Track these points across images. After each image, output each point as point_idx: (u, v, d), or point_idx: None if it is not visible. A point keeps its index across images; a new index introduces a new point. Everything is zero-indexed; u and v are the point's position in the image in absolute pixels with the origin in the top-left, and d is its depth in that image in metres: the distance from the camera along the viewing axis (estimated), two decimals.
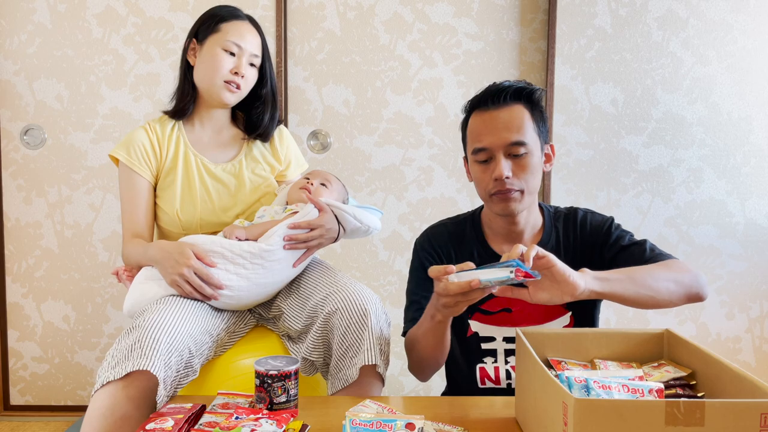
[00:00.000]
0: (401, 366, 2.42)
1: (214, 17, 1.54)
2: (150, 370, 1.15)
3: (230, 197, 1.56)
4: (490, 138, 1.25)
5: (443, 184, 2.41)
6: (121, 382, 1.16)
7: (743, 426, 0.77)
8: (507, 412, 1.12)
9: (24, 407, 2.48)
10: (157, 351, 1.18)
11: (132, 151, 1.54)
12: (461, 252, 1.37)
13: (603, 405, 0.79)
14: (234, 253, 1.39)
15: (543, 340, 1.11)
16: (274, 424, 0.95)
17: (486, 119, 1.26)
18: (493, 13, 2.36)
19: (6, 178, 2.42)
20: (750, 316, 2.42)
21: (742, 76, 2.33)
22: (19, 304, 2.45)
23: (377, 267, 2.44)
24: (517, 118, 1.25)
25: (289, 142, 1.70)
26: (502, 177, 1.23)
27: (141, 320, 1.25)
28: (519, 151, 1.24)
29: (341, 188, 1.62)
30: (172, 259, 1.37)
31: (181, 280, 1.35)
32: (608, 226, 1.33)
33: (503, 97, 1.26)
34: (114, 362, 1.19)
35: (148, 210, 1.56)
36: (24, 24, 2.36)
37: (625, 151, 2.37)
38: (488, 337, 1.34)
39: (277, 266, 1.43)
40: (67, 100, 2.38)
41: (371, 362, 1.30)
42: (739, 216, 2.38)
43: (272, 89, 1.62)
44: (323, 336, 1.38)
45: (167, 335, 1.22)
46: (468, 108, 1.32)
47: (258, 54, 1.56)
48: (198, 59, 1.54)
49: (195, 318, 1.33)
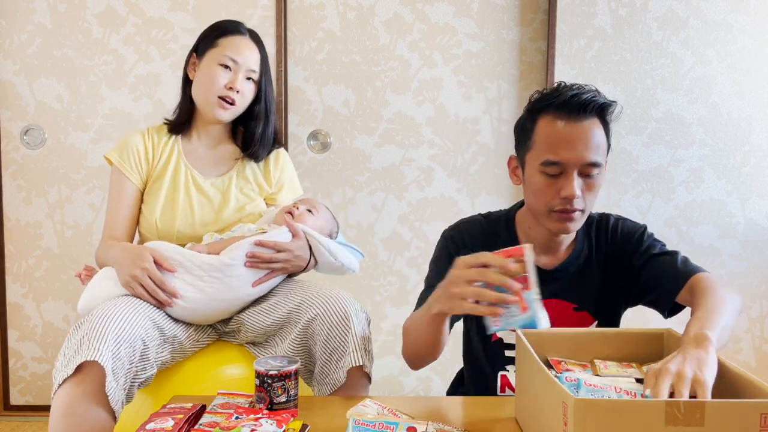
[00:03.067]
0: (401, 366, 2.42)
1: (215, 31, 1.53)
2: (97, 360, 1.14)
3: (213, 213, 1.54)
4: (568, 153, 1.14)
5: (443, 184, 2.41)
6: (75, 379, 1.16)
7: (743, 426, 0.77)
8: (507, 412, 1.12)
9: (24, 407, 2.48)
10: (104, 341, 1.17)
11: (125, 155, 1.53)
12: (491, 251, 1.34)
13: (603, 405, 0.79)
14: (193, 264, 1.37)
15: (543, 340, 1.11)
16: (274, 424, 0.95)
17: (567, 131, 1.15)
18: (493, 13, 2.36)
19: (6, 178, 2.42)
20: (750, 316, 2.42)
21: (742, 76, 2.33)
22: (19, 304, 2.45)
23: (377, 267, 2.44)
24: (597, 136, 1.15)
25: (286, 165, 1.66)
26: (574, 197, 1.14)
27: (89, 315, 1.25)
28: (593, 172, 1.16)
29: (329, 219, 1.59)
30: (129, 260, 1.36)
31: (133, 281, 1.34)
32: (640, 233, 1.29)
33: (587, 111, 1.15)
34: (66, 360, 1.19)
35: (131, 214, 1.55)
36: (24, 24, 2.36)
37: (625, 151, 2.36)
38: (512, 345, 1.30)
39: (236, 282, 1.39)
40: (67, 100, 2.38)
41: (358, 363, 1.29)
42: (739, 216, 2.38)
43: (266, 106, 1.58)
44: (303, 343, 1.37)
45: (115, 325, 1.21)
46: (536, 108, 1.20)
47: (256, 69, 1.53)
48: (196, 74, 1.53)
49: (145, 311, 1.32)
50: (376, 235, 2.43)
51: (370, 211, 2.43)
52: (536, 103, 1.20)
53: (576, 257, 1.29)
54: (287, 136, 2.38)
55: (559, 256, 1.30)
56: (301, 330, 1.36)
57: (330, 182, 2.42)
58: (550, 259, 1.29)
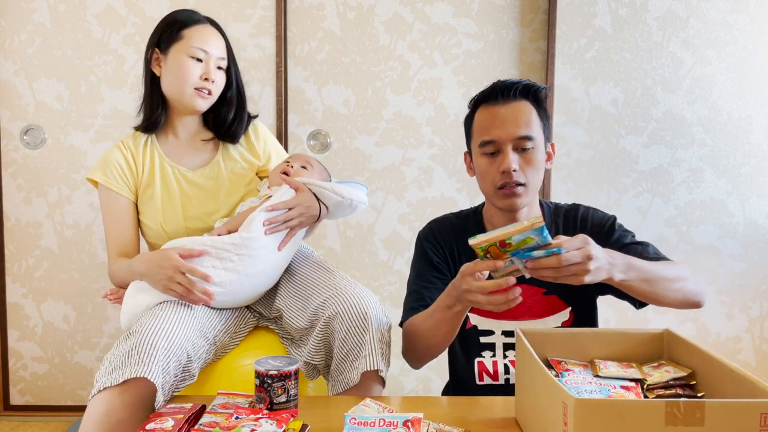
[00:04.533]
0: (401, 366, 2.42)
1: (174, 24, 1.52)
2: (147, 377, 1.15)
3: (213, 201, 1.55)
4: (498, 131, 1.26)
5: (443, 184, 2.41)
6: (118, 388, 1.16)
7: (743, 426, 0.77)
8: (507, 412, 1.12)
9: (24, 407, 2.48)
10: (154, 357, 1.17)
11: (109, 172, 1.54)
12: (463, 246, 1.38)
13: (603, 405, 0.79)
14: (217, 248, 1.37)
15: (543, 340, 1.11)
16: (274, 424, 0.95)
17: (494, 113, 1.28)
18: (493, 13, 2.36)
19: (6, 178, 2.42)
20: (750, 316, 2.42)
21: (742, 76, 2.33)
22: (19, 304, 2.45)
23: (377, 267, 2.44)
24: (525, 114, 1.27)
25: (266, 135, 1.67)
26: (510, 169, 1.24)
27: (138, 326, 1.25)
28: (526, 146, 1.26)
29: (323, 170, 1.60)
30: (156, 266, 1.36)
31: (171, 283, 1.33)
32: (610, 224, 1.34)
33: (512, 93, 1.27)
34: (111, 368, 1.19)
35: (132, 228, 1.56)
36: (24, 24, 2.36)
37: (625, 151, 2.37)
38: (487, 331, 1.35)
39: (263, 253, 1.41)
40: (67, 100, 2.38)
41: (373, 368, 1.29)
42: (739, 216, 2.38)
43: (238, 90, 1.60)
44: (324, 339, 1.38)
45: (165, 340, 1.21)
46: (474, 103, 1.33)
47: (224, 56, 1.54)
48: (164, 69, 1.52)
49: (192, 321, 1.33)
50: (376, 235, 2.43)
51: (370, 211, 2.43)
52: (474, 100, 1.34)
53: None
54: (287, 136, 2.38)
55: None
56: (323, 327, 1.37)
57: None
58: None
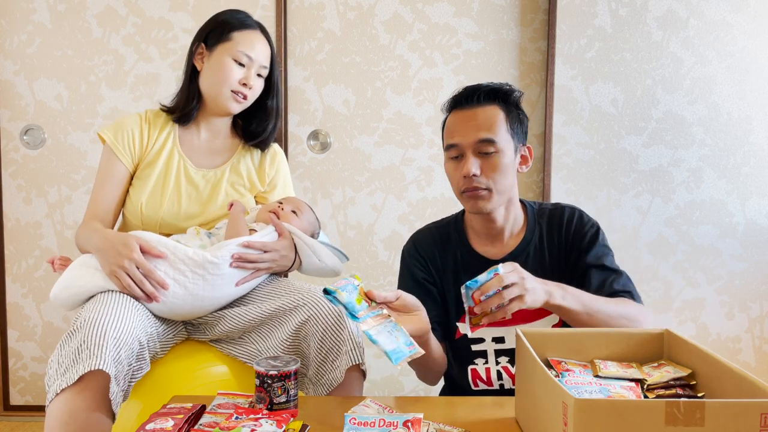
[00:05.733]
0: (401, 366, 2.42)
1: (226, 25, 1.51)
2: (102, 368, 1.12)
3: (199, 205, 1.52)
4: (460, 136, 1.27)
5: (443, 184, 2.41)
6: (75, 388, 1.13)
7: (743, 426, 0.77)
8: (507, 412, 1.12)
9: (24, 407, 2.48)
10: (105, 347, 1.14)
11: (119, 135, 1.51)
12: (446, 256, 1.37)
13: (603, 405, 0.79)
14: (177, 258, 1.32)
15: (543, 340, 1.11)
16: (274, 424, 0.95)
17: (460, 118, 1.29)
18: (493, 13, 2.36)
19: (6, 178, 2.42)
20: (750, 316, 2.42)
21: (742, 76, 2.33)
22: (19, 304, 2.45)
23: (377, 267, 2.44)
24: (490, 118, 1.26)
25: (281, 165, 1.64)
26: (470, 174, 1.24)
27: (81, 321, 1.21)
28: (488, 150, 1.25)
29: (313, 220, 1.57)
30: (114, 249, 1.31)
31: (120, 271, 1.28)
32: (592, 235, 1.32)
33: (477, 98, 1.28)
34: (62, 369, 1.16)
35: (118, 197, 1.52)
36: (24, 24, 2.36)
37: (625, 151, 2.37)
38: (477, 339, 1.34)
39: (219, 281, 1.36)
40: (67, 100, 2.38)
41: (356, 362, 1.29)
42: (739, 216, 2.38)
43: (277, 102, 1.59)
44: (295, 345, 1.36)
45: (113, 329, 1.18)
46: (446, 108, 1.34)
47: (266, 65, 1.53)
48: (206, 65, 1.51)
49: (137, 310, 1.29)
50: (376, 235, 2.43)
51: (370, 211, 2.43)
52: (445, 106, 1.35)
53: (524, 248, 1.33)
54: (287, 136, 2.39)
55: (507, 245, 1.34)
56: (293, 332, 1.34)
57: (330, 182, 2.42)
58: (496, 249, 1.35)
